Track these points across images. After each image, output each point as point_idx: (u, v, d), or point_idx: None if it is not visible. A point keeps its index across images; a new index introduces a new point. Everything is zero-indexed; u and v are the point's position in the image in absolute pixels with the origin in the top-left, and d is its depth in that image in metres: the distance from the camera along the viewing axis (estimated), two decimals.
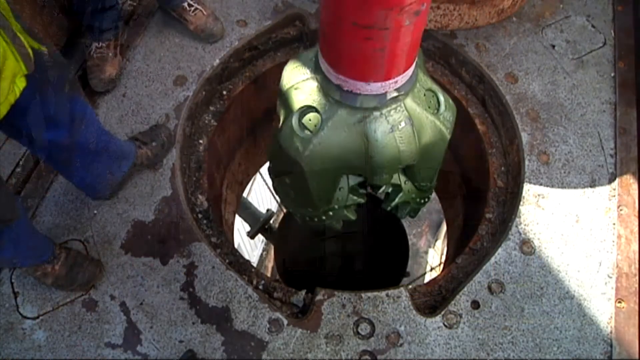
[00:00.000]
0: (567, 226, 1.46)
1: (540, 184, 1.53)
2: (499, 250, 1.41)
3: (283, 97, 1.10)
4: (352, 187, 1.20)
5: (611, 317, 1.31)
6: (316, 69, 1.03)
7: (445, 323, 1.30)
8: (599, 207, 1.49)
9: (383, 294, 1.32)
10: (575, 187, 1.52)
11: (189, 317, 1.29)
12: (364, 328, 1.29)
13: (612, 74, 1.77)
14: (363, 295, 1.31)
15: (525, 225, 1.47)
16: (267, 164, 2.43)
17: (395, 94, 0.97)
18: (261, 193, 6.09)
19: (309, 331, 1.27)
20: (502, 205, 1.59)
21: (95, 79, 1.65)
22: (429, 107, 1.05)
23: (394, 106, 0.99)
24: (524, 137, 1.61)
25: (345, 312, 1.30)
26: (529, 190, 1.53)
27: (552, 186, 1.52)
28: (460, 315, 1.31)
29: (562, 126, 1.66)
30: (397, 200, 1.25)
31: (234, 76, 1.80)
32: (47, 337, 1.26)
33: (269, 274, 5.75)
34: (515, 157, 1.62)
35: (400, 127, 1.00)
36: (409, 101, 1.00)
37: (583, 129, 1.66)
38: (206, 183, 1.59)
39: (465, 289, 1.34)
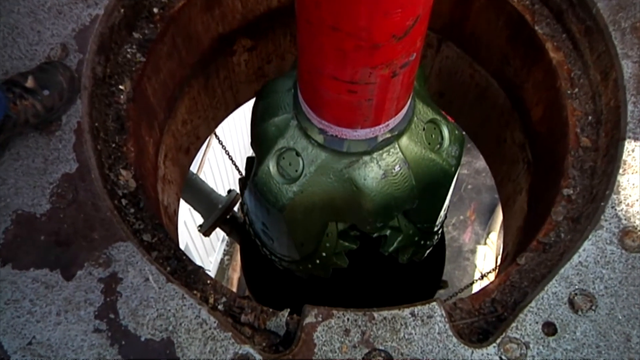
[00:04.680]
0: None
1: None
2: (586, 244, 1.37)
3: (258, 133, 1.26)
4: (341, 231, 1.34)
5: None
6: (295, 105, 1.18)
7: (504, 357, 1.25)
8: None
9: (406, 312, 1.30)
10: None
11: (110, 358, 1.25)
12: None
13: None
14: (376, 315, 1.30)
15: (627, 205, 1.42)
16: (227, 121, 2.34)
17: (388, 135, 1.14)
18: (219, 165, 6.04)
19: None
20: (590, 175, 1.56)
21: None
22: (430, 143, 1.23)
23: (386, 149, 1.16)
24: (627, 68, 1.55)
25: (349, 340, 1.27)
26: (634, 151, 1.47)
27: None
28: (527, 345, 1.26)
29: None
30: (395, 244, 1.39)
31: None
32: None
33: (233, 288, 5.78)
34: (612, 99, 1.57)
35: (394, 171, 1.17)
36: (404, 141, 1.17)
37: None
38: (132, 151, 1.57)
39: (533, 304, 1.30)
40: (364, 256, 2.05)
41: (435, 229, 1.46)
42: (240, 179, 1.52)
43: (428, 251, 1.51)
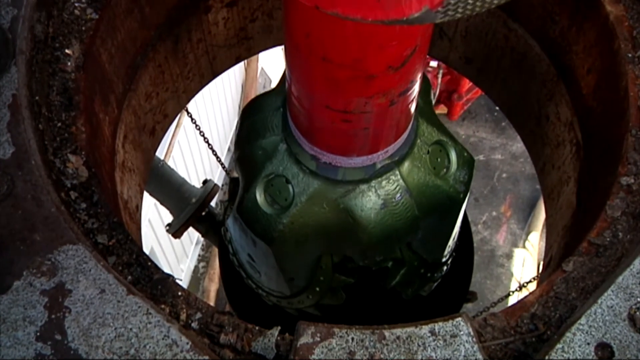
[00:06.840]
0: None
1: None
2: None
3: (243, 156, 1.37)
4: (337, 264, 1.42)
5: None
6: (285, 126, 1.25)
7: None
8: None
9: (425, 330, 1.31)
10: None
11: None
12: None
13: None
14: (388, 333, 1.31)
15: None
16: (201, 94, 2.32)
17: (387, 161, 1.23)
18: (192, 149, 6.09)
19: None
20: None
21: None
22: (435, 168, 1.32)
23: (385, 176, 1.24)
24: None
25: None
26: None
27: None
28: None
29: None
30: (398, 278, 1.50)
31: None
32: None
33: (211, 302, 5.81)
34: None
35: (394, 200, 1.24)
36: (406, 166, 1.25)
37: None
38: (83, 132, 1.59)
39: (583, 320, 1.30)
40: (379, 267, 2.06)
41: (444, 259, 1.53)
42: (222, 202, 1.59)
43: (436, 284, 1.61)
